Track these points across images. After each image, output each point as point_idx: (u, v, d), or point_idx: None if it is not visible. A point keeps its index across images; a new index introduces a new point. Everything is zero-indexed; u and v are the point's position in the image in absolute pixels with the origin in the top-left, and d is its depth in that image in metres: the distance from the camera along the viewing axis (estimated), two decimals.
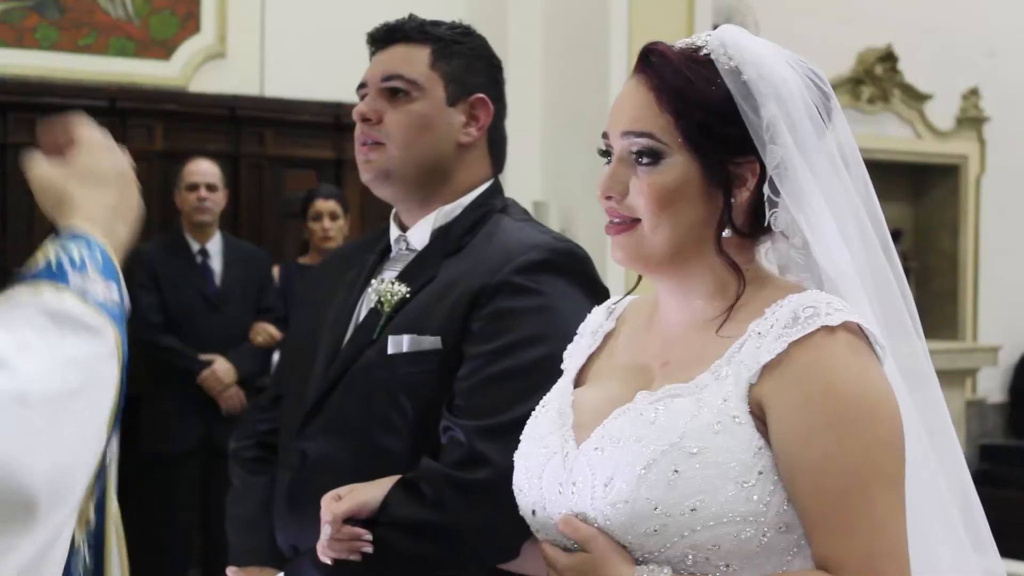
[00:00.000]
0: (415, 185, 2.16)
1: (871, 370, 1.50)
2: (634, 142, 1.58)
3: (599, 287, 2.11)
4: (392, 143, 2.14)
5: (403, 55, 2.17)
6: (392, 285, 2.12)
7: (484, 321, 2.02)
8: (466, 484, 1.94)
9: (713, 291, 1.60)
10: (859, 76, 8.29)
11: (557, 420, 1.65)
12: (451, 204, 2.17)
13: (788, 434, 1.48)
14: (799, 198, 1.57)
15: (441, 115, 2.16)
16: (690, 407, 1.51)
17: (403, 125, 2.14)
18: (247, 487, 2.30)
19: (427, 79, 2.15)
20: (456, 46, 2.18)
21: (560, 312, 2.02)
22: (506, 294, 2.03)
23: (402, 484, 1.97)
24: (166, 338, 5.52)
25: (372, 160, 2.16)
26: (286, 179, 7.11)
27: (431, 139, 2.15)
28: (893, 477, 1.48)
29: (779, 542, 1.48)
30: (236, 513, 2.29)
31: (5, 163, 6.50)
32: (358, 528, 1.94)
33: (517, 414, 1.94)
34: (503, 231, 2.13)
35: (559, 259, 2.07)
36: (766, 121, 1.56)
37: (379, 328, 2.10)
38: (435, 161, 2.16)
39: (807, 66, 1.63)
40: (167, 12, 6.84)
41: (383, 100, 2.16)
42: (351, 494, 1.96)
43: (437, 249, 2.15)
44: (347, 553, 1.95)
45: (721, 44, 1.59)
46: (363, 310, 2.18)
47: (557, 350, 1.93)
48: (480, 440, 1.95)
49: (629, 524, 1.49)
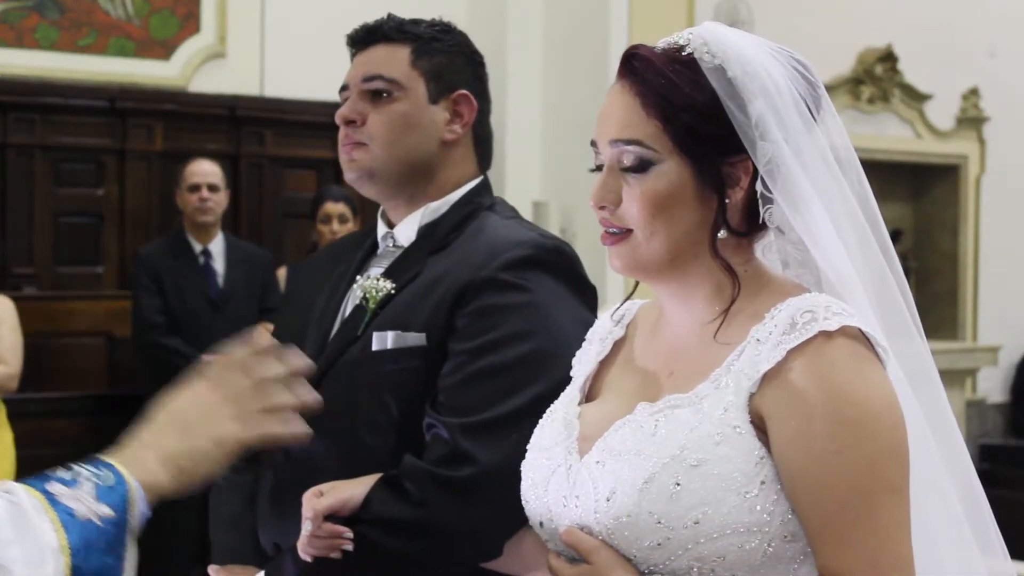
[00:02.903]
0: (400, 183, 2.16)
1: (872, 376, 1.48)
2: (624, 150, 1.56)
3: (586, 284, 2.10)
4: (375, 143, 2.13)
5: (383, 55, 2.16)
6: (377, 281, 2.12)
7: (469, 317, 2.01)
8: (449, 482, 1.93)
9: (712, 294, 1.58)
10: (859, 76, 8.28)
11: (563, 431, 1.63)
12: (438, 201, 2.17)
13: (788, 444, 1.46)
14: (792, 193, 1.55)
15: (424, 113, 2.15)
16: (690, 418, 1.49)
17: (386, 125, 2.13)
18: (230, 485, 2.29)
19: (408, 78, 2.14)
20: (436, 43, 2.17)
21: (546, 308, 2.01)
22: (492, 290, 2.01)
23: (384, 481, 1.96)
24: (168, 339, 5.52)
25: (356, 159, 2.15)
26: (286, 179, 7.12)
27: (415, 138, 2.14)
28: (896, 485, 1.46)
29: (785, 551, 1.47)
30: (219, 511, 2.28)
31: (5, 163, 6.50)
32: (339, 526, 1.93)
33: (501, 411, 1.94)
34: (489, 228, 2.12)
35: (545, 256, 2.06)
36: (754, 118, 1.53)
37: (364, 324, 2.10)
38: (419, 159, 2.15)
39: (791, 56, 1.60)
40: (167, 12, 6.84)
41: (365, 102, 2.15)
42: (333, 491, 1.94)
43: (423, 246, 2.14)
44: (327, 550, 1.93)
45: (704, 42, 1.56)
46: (348, 307, 2.18)
47: (542, 346, 1.93)
48: (464, 437, 1.94)
49: (632, 538, 1.48)
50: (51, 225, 6.64)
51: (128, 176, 6.76)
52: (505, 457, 1.87)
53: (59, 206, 6.65)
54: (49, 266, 6.67)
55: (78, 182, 6.70)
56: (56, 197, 6.64)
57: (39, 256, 6.62)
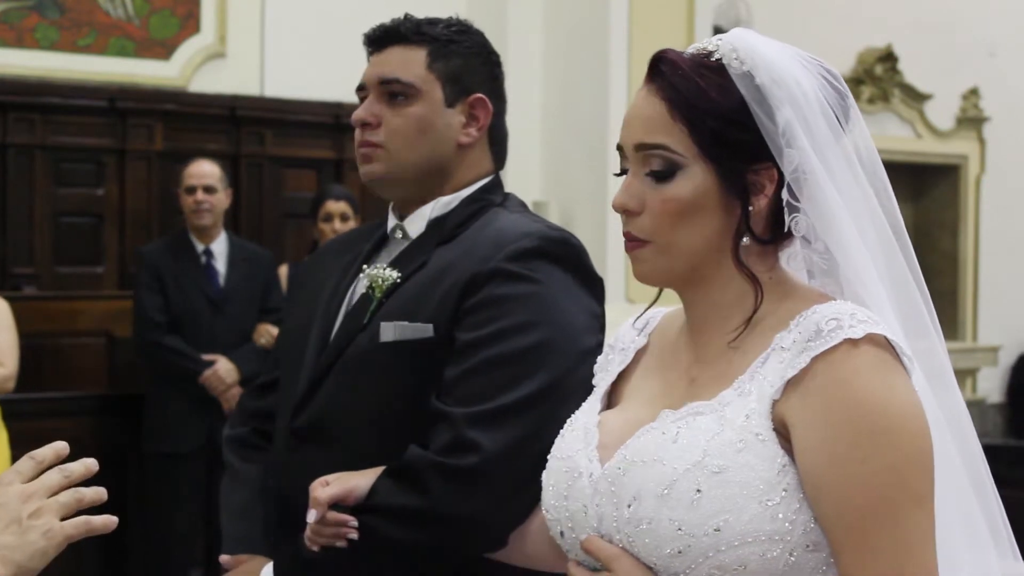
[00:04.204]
0: (415, 185, 2.17)
1: (897, 384, 1.45)
2: (649, 154, 1.55)
3: (593, 276, 2.09)
4: (392, 147, 2.14)
5: (400, 57, 2.15)
6: (383, 270, 2.12)
7: (476, 308, 2.01)
8: (454, 471, 1.93)
9: (735, 301, 1.56)
10: (859, 76, 8.28)
11: (583, 439, 1.61)
12: (449, 196, 2.18)
13: (812, 452, 1.44)
14: (818, 202, 1.53)
15: (440, 117, 2.15)
16: (712, 425, 1.48)
17: (402, 129, 2.13)
18: (240, 474, 2.30)
19: (424, 81, 2.14)
20: (453, 45, 2.17)
21: (553, 300, 2.01)
22: (498, 281, 2.01)
23: (390, 471, 1.96)
24: (169, 338, 5.52)
25: (371, 162, 2.15)
26: (286, 179, 7.12)
27: (431, 141, 2.14)
28: (921, 494, 1.44)
29: (807, 561, 1.45)
30: (229, 500, 2.29)
31: (5, 163, 6.50)
32: (344, 515, 1.93)
33: (507, 401, 1.93)
34: (497, 220, 2.13)
35: (553, 247, 2.06)
36: (781, 126, 1.52)
37: (369, 313, 2.10)
38: (435, 162, 2.15)
39: (821, 65, 1.58)
40: (167, 12, 6.84)
41: (382, 104, 2.15)
42: (338, 480, 1.95)
43: (431, 237, 2.15)
44: (333, 539, 1.94)
45: (732, 48, 1.55)
46: (355, 296, 2.18)
47: (549, 337, 1.93)
48: (470, 427, 1.94)
49: (653, 545, 1.47)
50: (51, 225, 6.64)
51: (128, 176, 6.76)
52: (511, 447, 1.88)
53: (59, 206, 6.65)
54: (49, 266, 6.67)
55: (78, 182, 6.70)
56: (56, 197, 6.63)
57: (39, 256, 6.62)
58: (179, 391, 5.50)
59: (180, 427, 5.52)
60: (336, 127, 6.92)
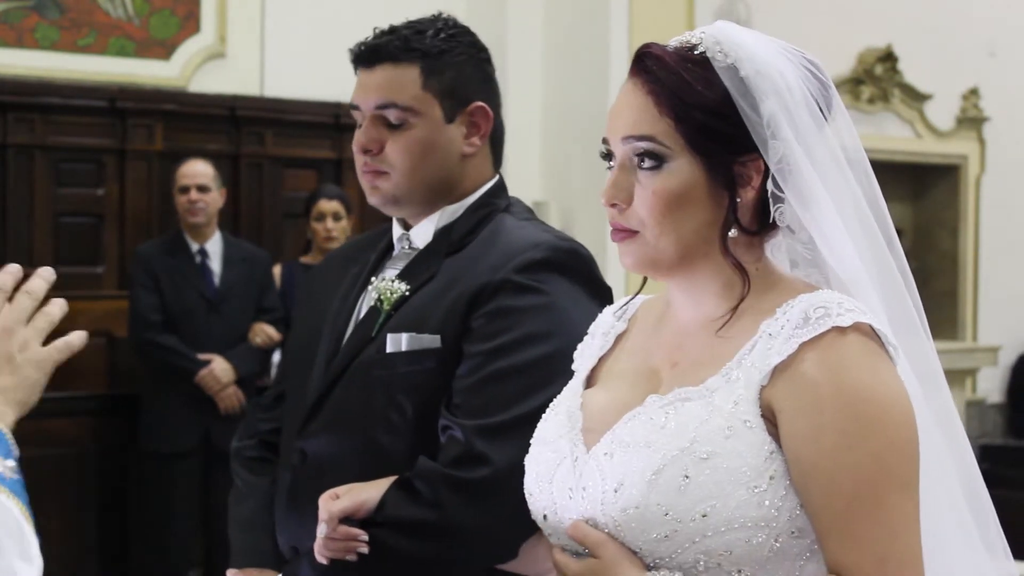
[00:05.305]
0: (424, 203, 2.16)
1: (883, 372, 1.48)
2: (636, 147, 1.56)
3: (602, 287, 2.09)
4: (396, 171, 2.11)
5: (392, 79, 2.11)
6: (392, 283, 2.11)
7: (484, 319, 2.01)
8: (464, 483, 1.93)
9: (722, 291, 1.58)
10: (859, 76, 8.27)
11: (567, 423, 1.63)
12: (455, 204, 2.17)
13: (798, 438, 1.46)
14: (802, 192, 1.55)
15: (441, 135, 2.13)
16: (700, 411, 1.49)
17: (405, 153, 2.11)
18: (248, 487, 2.29)
19: (421, 102, 2.11)
20: (445, 56, 2.13)
21: (562, 311, 2.00)
22: (507, 292, 2.01)
23: (399, 483, 1.96)
24: (165, 337, 5.53)
25: (378, 187, 2.14)
26: (286, 179, 7.11)
27: (435, 160, 2.13)
28: (906, 482, 1.46)
29: (792, 547, 1.47)
30: (237, 514, 2.28)
31: (5, 163, 6.50)
32: (354, 528, 1.93)
33: (516, 413, 1.93)
34: (505, 230, 2.12)
35: (561, 258, 2.06)
36: (766, 117, 1.53)
37: (378, 326, 2.09)
38: (442, 179, 2.14)
39: (803, 56, 1.60)
40: (167, 12, 6.84)
41: (381, 128, 2.12)
42: (349, 493, 1.95)
43: (438, 248, 2.14)
44: (343, 553, 1.94)
45: (716, 41, 1.56)
46: (363, 308, 2.17)
47: (558, 349, 1.92)
48: (479, 439, 1.94)
49: (639, 530, 1.48)
50: (51, 225, 6.63)
51: (128, 176, 6.76)
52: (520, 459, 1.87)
53: (59, 206, 6.64)
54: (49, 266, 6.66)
55: (78, 182, 6.69)
56: (56, 197, 6.63)
57: (39, 256, 6.61)
58: (175, 390, 5.50)
59: (176, 426, 5.53)
60: (336, 127, 6.92)
